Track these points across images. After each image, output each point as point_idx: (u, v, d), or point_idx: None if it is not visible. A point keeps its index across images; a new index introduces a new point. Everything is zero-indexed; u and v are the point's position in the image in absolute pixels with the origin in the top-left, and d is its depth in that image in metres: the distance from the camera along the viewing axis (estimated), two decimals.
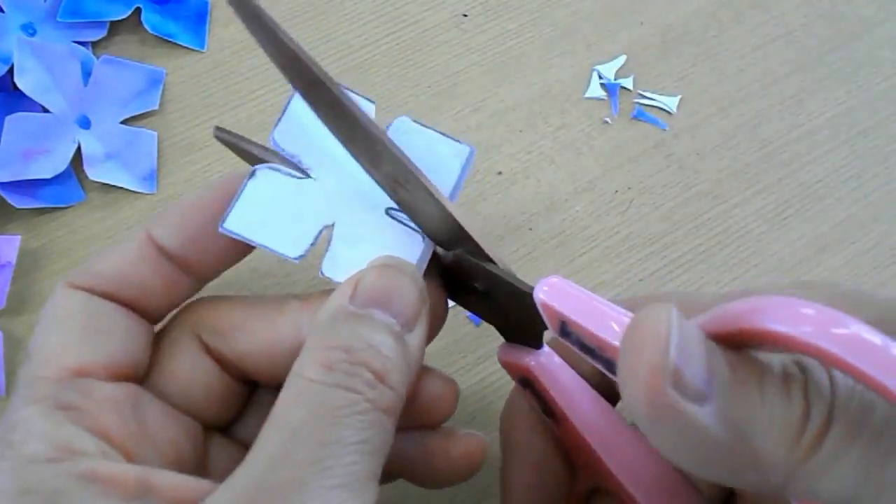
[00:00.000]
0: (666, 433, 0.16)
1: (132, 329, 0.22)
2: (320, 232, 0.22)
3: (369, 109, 0.24)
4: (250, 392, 0.25)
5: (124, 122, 0.36)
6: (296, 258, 0.22)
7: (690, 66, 0.40)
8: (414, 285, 0.21)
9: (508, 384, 0.33)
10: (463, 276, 0.23)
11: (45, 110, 0.35)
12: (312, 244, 0.22)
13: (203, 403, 0.23)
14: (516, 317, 0.22)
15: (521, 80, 0.39)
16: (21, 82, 0.34)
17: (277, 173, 0.23)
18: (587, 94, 0.39)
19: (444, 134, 0.24)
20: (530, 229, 0.36)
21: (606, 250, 0.36)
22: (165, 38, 0.38)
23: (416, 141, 0.23)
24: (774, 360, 0.16)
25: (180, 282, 0.23)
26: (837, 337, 0.13)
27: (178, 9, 0.39)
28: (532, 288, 0.21)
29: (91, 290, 0.22)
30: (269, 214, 0.22)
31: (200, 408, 0.23)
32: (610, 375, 0.19)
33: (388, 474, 0.23)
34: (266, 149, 0.24)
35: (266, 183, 0.23)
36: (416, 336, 0.21)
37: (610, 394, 0.24)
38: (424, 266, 0.23)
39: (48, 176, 0.34)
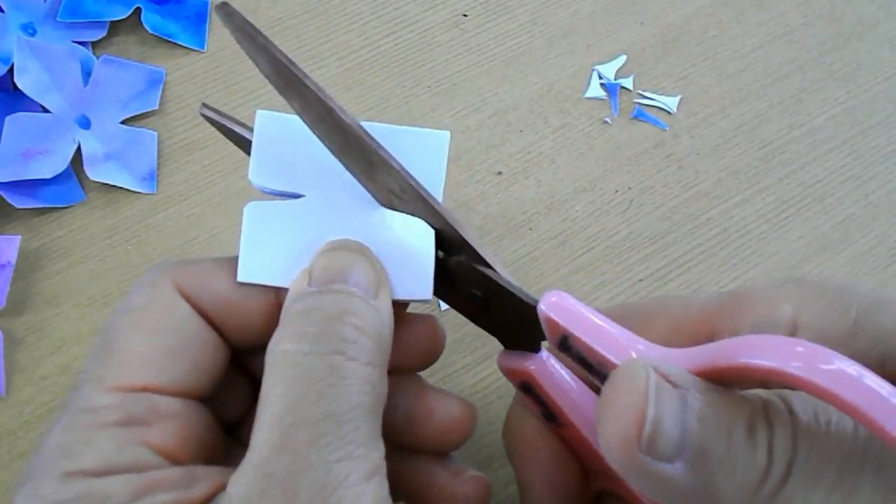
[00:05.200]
0: (638, 482, 0.17)
1: (216, 357, 0.22)
2: None
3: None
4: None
5: (124, 122, 0.36)
6: None
7: (690, 66, 0.40)
8: (366, 258, 0.21)
9: (508, 384, 0.33)
10: (461, 281, 0.23)
11: (45, 110, 0.35)
12: None
13: (204, 377, 0.22)
14: (516, 325, 0.23)
15: (521, 80, 0.39)
16: (21, 82, 0.34)
17: (266, 205, 0.22)
18: (587, 94, 0.39)
19: (415, 127, 0.23)
20: (530, 229, 0.36)
21: (606, 250, 0.36)
22: (165, 38, 0.38)
23: (392, 141, 0.23)
24: (752, 398, 0.17)
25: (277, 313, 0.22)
26: (824, 372, 0.15)
27: (178, 9, 0.39)
28: (536, 301, 0.21)
29: (193, 303, 0.21)
30: (275, 250, 0.22)
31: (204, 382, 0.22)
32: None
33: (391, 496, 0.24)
34: (251, 129, 0.23)
35: (259, 218, 0.22)
36: (381, 301, 0.21)
37: None
38: (433, 249, 0.23)
39: (48, 176, 0.34)
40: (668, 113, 0.39)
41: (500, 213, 0.36)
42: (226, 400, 0.23)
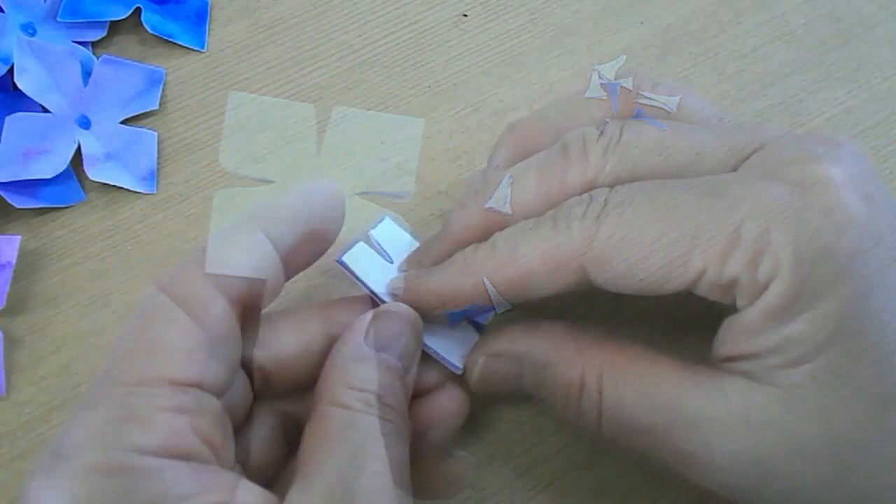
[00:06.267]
0: None
1: (238, 353, 0.22)
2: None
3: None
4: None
5: (124, 122, 0.36)
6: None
7: (690, 66, 0.40)
8: (413, 330, 0.24)
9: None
10: None
11: (45, 110, 0.35)
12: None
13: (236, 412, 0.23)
14: None
15: (521, 80, 0.39)
16: (21, 82, 0.34)
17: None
18: (587, 94, 0.39)
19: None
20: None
21: None
22: (165, 38, 0.38)
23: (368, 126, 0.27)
24: None
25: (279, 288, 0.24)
26: None
27: (178, 9, 0.39)
28: None
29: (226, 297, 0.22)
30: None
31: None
32: None
33: None
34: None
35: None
36: (411, 375, 0.24)
37: None
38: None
39: (48, 176, 0.34)
40: (668, 113, 0.39)
41: None
42: (233, 396, 0.23)
